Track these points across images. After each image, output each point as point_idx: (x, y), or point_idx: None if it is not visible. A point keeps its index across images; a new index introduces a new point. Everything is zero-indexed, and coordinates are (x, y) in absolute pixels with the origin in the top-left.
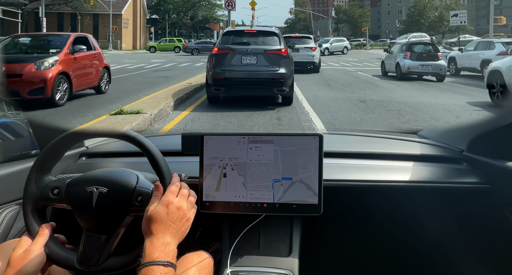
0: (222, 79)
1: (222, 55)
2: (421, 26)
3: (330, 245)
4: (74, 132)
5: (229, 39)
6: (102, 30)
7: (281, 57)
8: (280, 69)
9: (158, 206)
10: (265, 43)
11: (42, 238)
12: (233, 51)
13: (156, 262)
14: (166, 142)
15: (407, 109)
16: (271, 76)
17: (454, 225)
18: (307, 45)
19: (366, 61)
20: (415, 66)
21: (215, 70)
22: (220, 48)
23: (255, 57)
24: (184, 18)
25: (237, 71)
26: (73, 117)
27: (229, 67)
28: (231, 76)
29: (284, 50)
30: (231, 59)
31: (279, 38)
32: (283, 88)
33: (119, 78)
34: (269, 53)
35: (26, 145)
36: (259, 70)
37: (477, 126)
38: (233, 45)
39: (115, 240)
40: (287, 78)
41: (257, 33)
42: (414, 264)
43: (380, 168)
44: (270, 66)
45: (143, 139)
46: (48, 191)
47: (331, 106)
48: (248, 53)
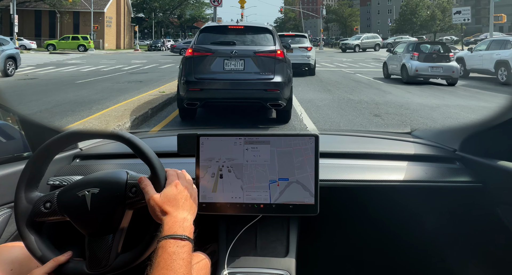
0: (197, 91)
1: (198, 58)
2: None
3: (326, 245)
4: (67, 134)
5: (208, 37)
6: (83, 29)
7: (276, 61)
8: (275, 77)
9: (168, 188)
10: (255, 42)
11: (52, 263)
12: (213, 53)
13: (174, 235)
14: (161, 143)
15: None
16: (264, 87)
17: (447, 223)
18: (302, 45)
19: (361, 62)
20: (424, 68)
21: (189, 79)
22: (195, 50)
23: (242, 62)
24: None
25: (217, 81)
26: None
27: (207, 74)
28: (209, 87)
29: (280, 51)
30: (210, 64)
31: (273, 36)
32: (279, 102)
33: (82, 84)
34: (261, 55)
35: (18, 147)
36: (247, 78)
37: (469, 126)
38: (213, 46)
39: (120, 237)
40: (284, 89)
41: (245, 29)
42: (409, 262)
43: (375, 167)
44: (261, 73)
45: (137, 140)
46: (40, 206)
47: (340, 124)
48: (232, 56)
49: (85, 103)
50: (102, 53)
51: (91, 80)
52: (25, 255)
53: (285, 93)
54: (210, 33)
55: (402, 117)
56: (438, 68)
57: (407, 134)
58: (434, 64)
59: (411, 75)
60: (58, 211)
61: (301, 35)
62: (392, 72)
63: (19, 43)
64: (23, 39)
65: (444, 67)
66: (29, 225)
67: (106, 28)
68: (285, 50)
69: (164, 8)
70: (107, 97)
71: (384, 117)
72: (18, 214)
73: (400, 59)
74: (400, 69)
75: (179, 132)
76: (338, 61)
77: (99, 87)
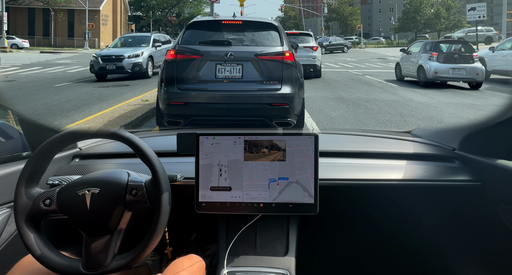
0: (181, 106)
1: (182, 63)
2: (417, 23)
3: (326, 244)
4: (67, 133)
5: (196, 35)
6: (78, 27)
7: (284, 66)
8: (282, 88)
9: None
10: (256, 42)
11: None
12: (202, 56)
13: None
14: (161, 142)
15: None
16: (268, 101)
17: (446, 222)
18: (307, 44)
19: (366, 62)
20: (444, 70)
21: (170, 90)
22: (178, 51)
23: (240, 67)
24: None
25: (208, 92)
26: None
27: (195, 84)
28: (197, 100)
29: (289, 54)
30: (198, 70)
31: (279, 34)
32: (288, 120)
33: (60, 88)
34: (264, 59)
35: (17, 147)
36: (247, 89)
37: (468, 125)
38: (202, 46)
39: (118, 238)
40: (295, 102)
41: (244, 25)
42: (408, 260)
43: (374, 166)
44: (265, 83)
45: (136, 139)
46: (40, 202)
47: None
48: (227, 59)
49: (48, 115)
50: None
51: (73, 83)
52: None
53: (295, 107)
54: (199, 30)
55: None
56: (461, 70)
57: (406, 133)
58: (456, 66)
59: (429, 77)
60: (57, 209)
61: (306, 34)
62: (407, 74)
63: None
64: (15, 37)
65: (467, 68)
66: (28, 222)
67: (102, 26)
68: (294, 52)
69: (162, 6)
70: (79, 107)
71: None
72: (18, 210)
73: (416, 60)
74: (417, 71)
75: (178, 131)
76: (342, 61)
77: (77, 93)
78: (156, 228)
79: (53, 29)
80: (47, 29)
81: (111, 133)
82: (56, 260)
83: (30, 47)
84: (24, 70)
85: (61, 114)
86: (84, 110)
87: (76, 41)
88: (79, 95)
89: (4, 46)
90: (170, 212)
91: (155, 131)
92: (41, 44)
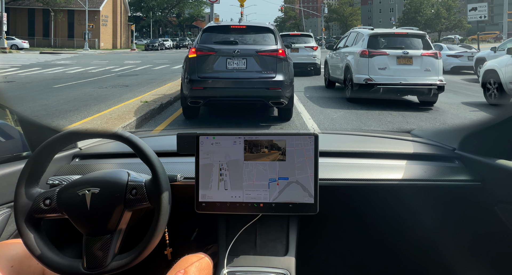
0: (200, 90)
1: (201, 58)
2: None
3: (326, 244)
4: (68, 132)
5: (211, 37)
6: (78, 28)
7: (277, 60)
8: (276, 76)
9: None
10: (257, 42)
11: None
12: (216, 52)
13: None
14: (161, 142)
15: None
16: (266, 85)
17: (446, 222)
18: (308, 45)
19: None
20: None
21: (192, 78)
22: (198, 49)
23: (244, 61)
24: (170, 15)
25: (220, 79)
26: None
27: (210, 73)
28: (212, 85)
29: (281, 51)
30: (213, 63)
31: (274, 35)
32: (281, 100)
33: (59, 89)
34: (263, 55)
35: (17, 147)
36: (250, 77)
37: (468, 125)
38: (216, 45)
39: (118, 238)
40: (286, 88)
41: (247, 29)
42: (408, 260)
43: (374, 166)
44: (263, 72)
45: (136, 139)
46: (40, 202)
47: None
48: (235, 55)
49: (46, 117)
50: (96, 53)
51: (72, 84)
52: (25, 252)
53: (286, 91)
54: (213, 33)
55: None
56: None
57: (406, 133)
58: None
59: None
60: (57, 208)
61: (306, 35)
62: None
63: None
64: (14, 38)
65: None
66: (28, 221)
67: (101, 27)
68: (286, 50)
69: (162, 7)
70: (78, 109)
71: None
72: (18, 209)
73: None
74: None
75: (178, 132)
76: None
77: (76, 94)
78: (156, 227)
79: (53, 29)
80: (47, 30)
81: (111, 133)
82: (56, 260)
83: (30, 47)
84: (23, 71)
85: (59, 115)
86: (82, 111)
87: (76, 41)
88: (78, 97)
89: (4, 47)
90: (170, 212)
91: (155, 131)
92: (41, 45)
